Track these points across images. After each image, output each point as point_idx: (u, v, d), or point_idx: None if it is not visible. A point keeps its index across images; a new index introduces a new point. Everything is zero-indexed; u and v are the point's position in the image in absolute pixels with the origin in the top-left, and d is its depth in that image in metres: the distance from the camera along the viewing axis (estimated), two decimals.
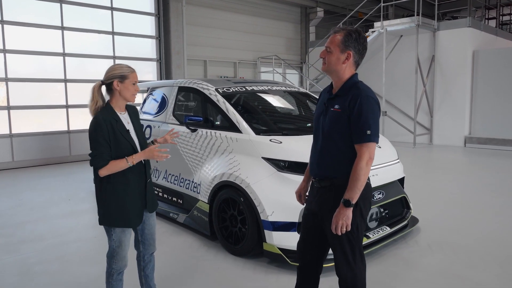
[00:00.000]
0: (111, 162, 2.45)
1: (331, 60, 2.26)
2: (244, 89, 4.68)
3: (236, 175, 3.74)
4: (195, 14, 12.17)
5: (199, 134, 4.40)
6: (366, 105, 2.15)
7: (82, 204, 5.81)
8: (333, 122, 2.25)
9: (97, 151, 2.44)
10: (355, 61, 2.26)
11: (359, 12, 14.44)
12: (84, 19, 9.76)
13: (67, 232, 4.64)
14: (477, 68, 11.51)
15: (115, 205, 2.53)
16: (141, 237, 2.77)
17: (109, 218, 2.56)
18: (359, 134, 2.15)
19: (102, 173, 2.44)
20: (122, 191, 2.54)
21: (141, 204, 2.64)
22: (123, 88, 2.53)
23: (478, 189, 6.49)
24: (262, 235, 3.55)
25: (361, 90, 2.19)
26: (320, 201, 2.34)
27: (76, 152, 9.66)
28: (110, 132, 2.47)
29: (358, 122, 2.15)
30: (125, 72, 2.53)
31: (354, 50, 2.23)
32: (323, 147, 2.30)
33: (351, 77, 2.27)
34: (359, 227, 2.26)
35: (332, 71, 2.28)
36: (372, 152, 2.16)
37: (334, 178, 2.28)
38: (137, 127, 2.69)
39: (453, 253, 3.89)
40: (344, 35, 2.22)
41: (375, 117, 2.16)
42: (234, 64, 13.43)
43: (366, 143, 2.15)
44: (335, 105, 2.25)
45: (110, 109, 2.56)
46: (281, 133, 4.00)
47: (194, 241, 4.27)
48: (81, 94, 9.78)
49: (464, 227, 4.63)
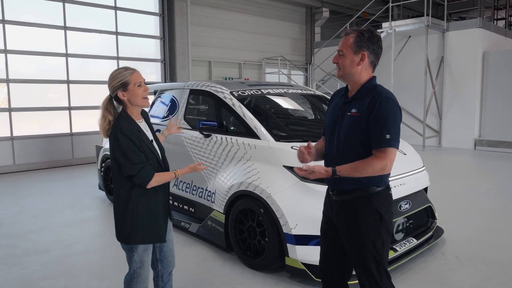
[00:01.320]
0: (157, 174, 2.28)
1: (345, 63, 2.09)
2: (259, 92, 4.45)
3: (256, 185, 3.50)
4: (200, 14, 11.94)
5: (213, 140, 4.17)
6: (386, 107, 1.98)
7: (87, 211, 5.58)
8: (351, 127, 2.07)
9: (139, 165, 2.21)
10: (370, 62, 2.10)
11: (364, 13, 14.22)
12: (87, 19, 9.52)
13: (73, 243, 4.40)
14: (487, 69, 11.29)
15: (149, 219, 2.32)
16: (160, 255, 2.54)
17: (141, 234, 2.31)
18: (377, 138, 1.98)
19: (151, 184, 2.25)
20: (155, 202, 2.35)
21: (166, 217, 2.46)
22: (130, 95, 2.27)
23: (497, 195, 6.26)
24: (284, 249, 3.31)
25: (381, 92, 2.03)
26: (340, 216, 2.16)
27: (79, 155, 9.42)
28: (140, 142, 2.25)
29: (376, 126, 1.97)
30: (124, 77, 2.26)
31: (368, 50, 2.07)
32: (341, 155, 2.11)
33: (369, 80, 2.11)
34: (384, 243, 2.08)
35: (347, 74, 2.11)
36: (391, 159, 1.97)
37: (356, 189, 2.08)
38: (155, 136, 2.48)
39: (485, 267, 3.66)
40: (356, 36, 2.07)
41: (395, 120, 1.99)
42: (239, 65, 13.20)
43: (385, 148, 1.96)
44: (352, 109, 2.08)
45: (129, 118, 2.30)
46: (302, 140, 3.78)
47: (208, 252, 4.04)
48: (84, 96, 9.56)
49: (493, 238, 4.39)
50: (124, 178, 2.26)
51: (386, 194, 2.12)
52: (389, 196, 2.13)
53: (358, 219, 2.07)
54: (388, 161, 1.96)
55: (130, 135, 2.21)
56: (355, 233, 2.07)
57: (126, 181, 2.26)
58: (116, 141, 2.21)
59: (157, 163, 2.34)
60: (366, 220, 2.06)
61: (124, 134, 2.20)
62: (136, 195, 2.29)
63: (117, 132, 2.21)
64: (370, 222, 2.05)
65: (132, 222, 2.30)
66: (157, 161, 2.35)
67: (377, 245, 2.04)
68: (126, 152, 2.19)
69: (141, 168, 2.21)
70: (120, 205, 2.33)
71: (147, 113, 2.58)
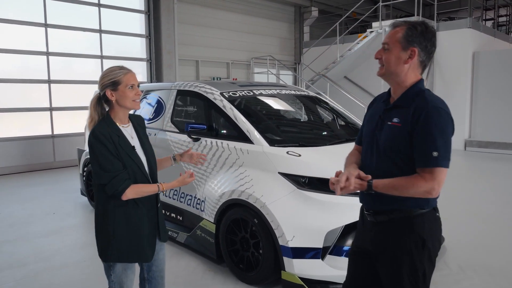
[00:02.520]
0: (137, 185, 2.05)
1: (389, 59, 1.80)
2: (251, 93, 4.21)
3: (249, 193, 3.26)
4: (187, 12, 11.63)
5: (202, 144, 3.91)
6: (434, 118, 1.68)
7: (68, 219, 5.26)
8: (390, 140, 1.79)
9: (112, 173, 1.99)
10: (420, 61, 1.80)
11: (353, 13, 14.09)
12: (69, 16, 9.13)
13: (52, 254, 4.09)
14: (477, 70, 11.24)
15: (127, 235, 2.08)
16: (148, 275, 2.30)
17: (116, 251, 2.08)
18: (423, 156, 1.69)
19: (127, 195, 2.02)
20: (135, 217, 2.09)
21: (153, 233, 2.20)
22: (119, 96, 2.07)
23: (493, 198, 6.13)
24: (280, 262, 3.08)
25: (429, 100, 1.73)
26: (376, 240, 1.87)
27: (60, 158, 9.03)
28: (113, 148, 2.02)
29: (422, 141, 1.68)
30: (116, 76, 2.07)
31: (419, 46, 1.77)
32: (379, 169, 1.82)
33: (415, 83, 1.81)
34: (426, 273, 1.79)
35: (391, 73, 1.82)
36: (440, 181, 1.68)
37: (394, 210, 1.81)
38: (144, 143, 2.23)
39: (490, 278, 3.48)
40: (407, 29, 1.77)
41: (446, 135, 1.69)
42: (227, 65, 12.92)
43: (431, 169, 1.67)
44: (394, 118, 1.80)
45: (109, 121, 2.09)
46: (298, 144, 3.55)
47: (198, 265, 3.78)
48: (66, 96, 9.18)
49: (493, 244, 4.23)
50: (101, 187, 2.05)
51: (432, 217, 1.82)
52: (435, 219, 1.84)
53: (396, 245, 1.79)
54: (436, 183, 1.66)
55: (103, 139, 2.00)
56: (392, 261, 1.80)
57: (103, 191, 2.06)
58: (89, 146, 2.04)
59: (140, 173, 2.11)
60: (405, 247, 1.77)
61: (96, 138, 2.01)
62: (114, 207, 2.07)
63: (90, 135, 2.03)
64: (410, 249, 1.77)
65: (108, 236, 2.09)
66: (140, 170, 2.11)
67: (417, 277, 1.77)
68: (98, 158, 2.01)
69: (113, 177, 1.99)
70: (98, 216, 2.14)
71: (143, 121, 2.34)
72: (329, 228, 3.01)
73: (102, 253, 2.12)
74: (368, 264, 1.93)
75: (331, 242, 3.04)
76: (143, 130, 2.28)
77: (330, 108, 4.72)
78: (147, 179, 2.15)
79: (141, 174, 2.11)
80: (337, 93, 11.65)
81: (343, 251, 3.07)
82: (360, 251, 1.97)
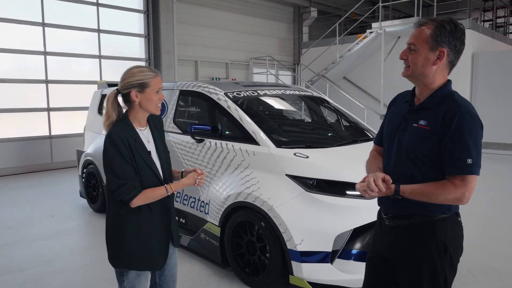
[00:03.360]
0: (145, 190, 1.99)
1: (417, 61, 1.71)
2: (256, 94, 4.14)
3: (256, 196, 3.19)
4: (186, 12, 11.54)
5: (206, 146, 3.84)
6: (468, 124, 1.61)
7: (67, 222, 5.16)
8: (416, 143, 1.71)
9: (122, 180, 1.94)
10: (449, 61, 1.71)
11: (352, 13, 14.06)
12: (67, 16, 9.02)
13: (52, 258, 4.00)
14: (476, 70, 11.24)
15: (138, 242, 2.02)
16: (160, 279, 2.24)
17: (128, 258, 2.02)
18: (455, 163, 1.62)
19: (135, 203, 1.97)
20: (147, 222, 2.03)
21: (166, 240, 2.14)
22: (144, 99, 2.01)
23: (494, 199, 6.09)
24: (289, 266, 3.01)
25: (460, 104, 1.65)
26: (394, 245, 1.81)
27: (58, 159, 8.92)
28: (129, 153, 1.97)
29: (455, 147, 1.61)
30: (145, 78, 1.99)
31: (448, 46, 1.68)
32: (400, 172, 1.75)
33: (444, 84, 1.73)
34: (447, 280, 1.74)
35: (418, 75, 1.73)
36: (471, 189, 1.62)
37: (415, 214, 1.74)
38: (160, 147, 2.15)
39: (499, 281, 3.43)
40: (435, 27, 1.68)
41: (478, 141, 1.63)
42: (226, 65, 12.85)
43: (464, 176, 1.61)
44: (420, 120, 1.72)
45: (128, 123, 2.03)
46: (304, 145, 3.48)
47: (203, 269, 3.70)
48: (64, 96, 9.07)
49: (499, 246, 4.19)
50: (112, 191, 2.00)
51: (454, 223, 1.77)
52: (457, 224, 1.79)
53: (416, 251, 1.72)
54: (467, 190, 1.61)
55: (119, 144, 1.94)
56: (412, 266, 1.74)
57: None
58: (104, 148, 1.98)
59: (156, 179, 2.05)
60: (426, 252, 1.71)
61: (112, 142, 1.95)
62: (127, 213, 2.01)
63: (106, 137, 1.97)
64: (431, 254, 1.71)
65: (119, 242, 2.02)
66: (155, 176, 2.06)
67: (438, 283, 1.71)
68: (110, 163, 1.95)
69: (123, 184, 1.94)
70: (109, 221, 2.08)
71: (161, 122, 2.27)
72: (338, 231, 2.95)
73: (112, 258, 2.07)
74: (385, 269, 1.87)
75: (340, 246, 2.98)
76: (159, 132, 2.21)
77: (334, 108, 4.66)
78: (161, 182, 2.09)
79: (157, 180, 2.06)
80: (337, 93, 11.61)
81: (352, 255, 3.01)
82: (376, 257, 1.91)
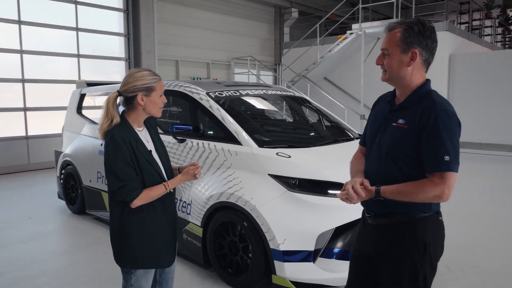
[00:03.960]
0: (145, 190, 2.00)
1: (392, 64, 1.75)
2: (238, 94, 4.13)
3: (238, 196, 3.19)
4: (167, 11, 11.44)
5: (188, 146, 3.81)
6: (444, 121, 1.64)
7: (45, 224, 5.05)
8: (395, 142, 1.74)
9: (123, 182, 1.95)
10: (423, 60, 1.75)
11: (332, 14, 14.21)
12: (45, 13, 8.83)
13: (30, 262, 3.90)
14: (453, 72, 11.52)
15: (143, 240, 2.05)
16: (160, 277, 2.26)
17: (134, 257, 2.04)
18: (434, 160, 1.64)
19: (135, 204, 1.99)
20: (150, 222, 2.07)
21: (173, 238, 2.18)
22: (149, 102, 2.03)
23: (472, 198, 6.25)
24: (271, 266, 3.02)
25: (437, 102, 1.68)
26: (377, 243, 1.83)
27: (35, 160, 8.71)
28: (131, 154, 1.98)
29: (432, 145, 1.64)
30: (151, 82, 2.03)
31: (420, 46, 1.72)
32: (381, 172, 1.79)
33: (423, 84, 1.77)
34: (427, 279, 1.77)
35: (396, 78, 1.77)
36: (450, 186, 1.63)
37: (396, 213, 1.77)
38: (158, 145, 2.17)
39: (476, 277, 3.53)
40: (403, 30, 1.72)
41: (455, 138, 1.66)
42: (207, 65, 12.79)
43: (443, 173, 1.63)
44: (399, 119, 1.75)
45: (127, 125, 2.04)
46: (286, 145, 3.50)
47: (185, 270, 3.68)
48: (41, 96, 8.87)
49: (476, 243, 4.30)
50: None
51: (435, 222, 1.79)
52: (439, 224, 1.81)
53: (396, 249, 1.75)
54: (446, 188, 1.62)
55: (122, 145, 1.95)
56: (393, 264, 1.77)
57: None
58: (105, 148, 1.98)
59: (158, 177, 2.08)
60: (407, 251, 1.74)
61: (114, 143, 1.95)
62: (129, 213, 2.03)
63: (108, 139, 1.98)
64: (411, 253, 1.73)
65: (124, 243, 2.05)
66: (158, 174, 2.08)
67: (417, 281, 1.73)
68: (111, 164, 1.97)
69: (123, 186, 1.95)
70: (113, 220, 2.09)
71: (155, 119, 2.26)
72: (321, 230, 2.97)
73: (119, 258, 2.08)
74: (369, 268, 1.90)
75: (322, 245, 3.01)
76: (155, 130, 2.23)
77: (316, 108, 4.70)
78: (164, 180, 2.10)
79: (158, 177, 2.08)
80: (317, 94, 11.70)
81: (334, 254, 3.04)
82: (360, 255, 1.94)
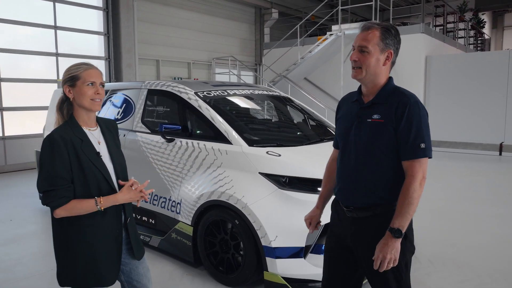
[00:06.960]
0: (72, 201, 1.80)
1: (370, 62, 1.85)
2: (225, 93, 4.16)
3: (230, 194, 3.21)
4: (147, 10, 11.33)
5: (177, 145, 3.81)
6: (417, 113, 1.80)
7: (27, 226, 4.94)
8: (373, 136, 1.86)
9: (51, 185, 1.76)
10: (392, 61, 1.91)
11: (312, 16, 14.38)
12: (21, 10, 8.61)
13: (13, 265, 3.82)
14: (429, 73, 11.85)
15: (82, 257, 1.87)
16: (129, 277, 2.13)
17: (73, 275, 1.88)
18: (411, 148, 1.79)
19: (58, 213, 1.80)
20: (91, 235, 1.88)
21: (117, 253, 1.98)
22: (76, 93, 1.87)
23: (447, 195, 6.47)
24: (263, 263, 3.06)
25: (409, 96, 1.85)
26: (357, 236, 1.92)
27: (13, 161, 8.48)
28: (71, 155, 1.81)
29: (409, 134, 1.79)
30: (76, 71, 1.87)
31: (393, 48, 1.87)
32: (360, 168, 1.89)
33: (388, 81, 1.92)
34: (408, 264, 1.89)
35: (371, 75, 1.88)
36: (425, 170, 1.80)
37: (377, 205, 1.87)
38: (113, 149, 2.01)
39: (458, 270, 3.66)
40: (383, 31, 1.85)
41: (427, 127, 1.83)
42: (188, 65, 12.73)
43: (419, 159, 1.78)
44: (374, 114, 1.87)
45: (74, 123, 1.90)
46: (276, 144, 3.55)
47: (175, 269, 3.68)
48: (19, 95, 8.64)
49: (457, 239, 4.46)
50: None
51: None
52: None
53: (376, 237, 1.83)
54: (423, 171, 1.78)
55: (59, 144, 1.78)
56: (372, 254, 1.85)
57: None
58: (41, 147, 1.83)
59: (105, 183, 1.89)
60: None
61: (50, 142, 1.79)
62: (68, 224, 1.86)
63: (46, 137, 1.82)
64: None
65: (63, 258, 1.89)
66: (105, 179, 1.89)
67: (401, 268, 1.83)
68: (43, 163, 1.79)
69: (50, 190, 1.77)
70: (53, 234, 1.93)
71: (115, 125, 2.13)
72: None
73: (59, 277, 1.91)
74: (347, 259, 1.99)
75: (312, 241, 3.07)
76: (112, 135, 2.06)
77: (301, 108, 4.77)
78: (113, 190, 1.93)
79: (106, 184, 1.89)
80: (298, 94, 11.81)
81: (323, 249, 3.10)
82: (338, 247, 2.01)
